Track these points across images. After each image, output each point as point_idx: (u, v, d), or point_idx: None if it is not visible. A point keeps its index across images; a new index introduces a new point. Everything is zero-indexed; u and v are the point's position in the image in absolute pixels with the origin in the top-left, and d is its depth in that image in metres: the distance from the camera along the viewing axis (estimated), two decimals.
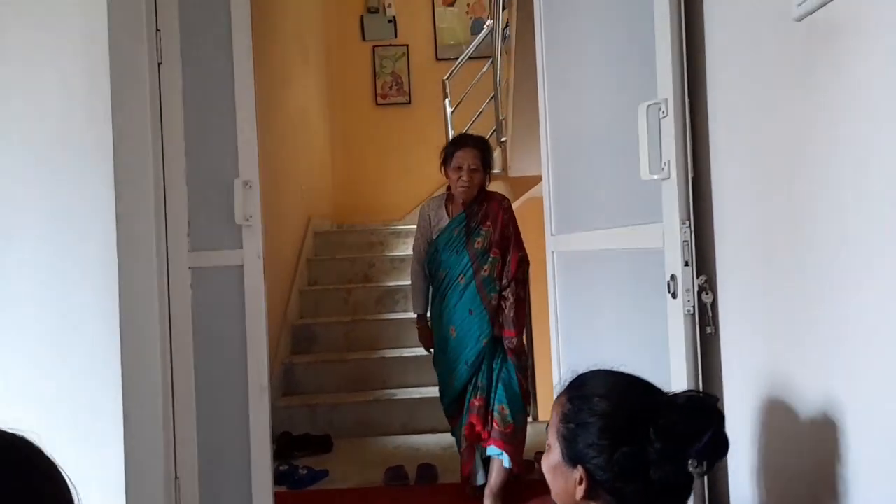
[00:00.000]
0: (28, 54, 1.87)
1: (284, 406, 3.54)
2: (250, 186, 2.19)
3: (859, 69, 0.84)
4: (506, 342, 2.53)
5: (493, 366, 2.52)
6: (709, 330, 1.31)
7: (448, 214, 2.61)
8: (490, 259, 2.51)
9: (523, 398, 2.54)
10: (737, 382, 1.27)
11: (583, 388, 0.98)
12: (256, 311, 2.20)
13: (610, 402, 0.94)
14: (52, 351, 1.85)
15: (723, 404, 1.32)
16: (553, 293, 2.13)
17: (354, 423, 3.52)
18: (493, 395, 2.50)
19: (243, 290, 2.20)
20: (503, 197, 2.66)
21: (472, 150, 2.53)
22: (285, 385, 3.74)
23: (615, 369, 1.01)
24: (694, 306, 1.30)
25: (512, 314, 2.52)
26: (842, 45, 0.87)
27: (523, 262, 2.58)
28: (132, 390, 1.91)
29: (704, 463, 0.90)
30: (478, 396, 2.49)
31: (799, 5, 0.92)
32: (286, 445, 3.23)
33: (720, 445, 0.91)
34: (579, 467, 0.93)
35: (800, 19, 0.93)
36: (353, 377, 3.75)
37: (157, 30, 2.14)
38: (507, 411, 2.47)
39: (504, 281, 2.53)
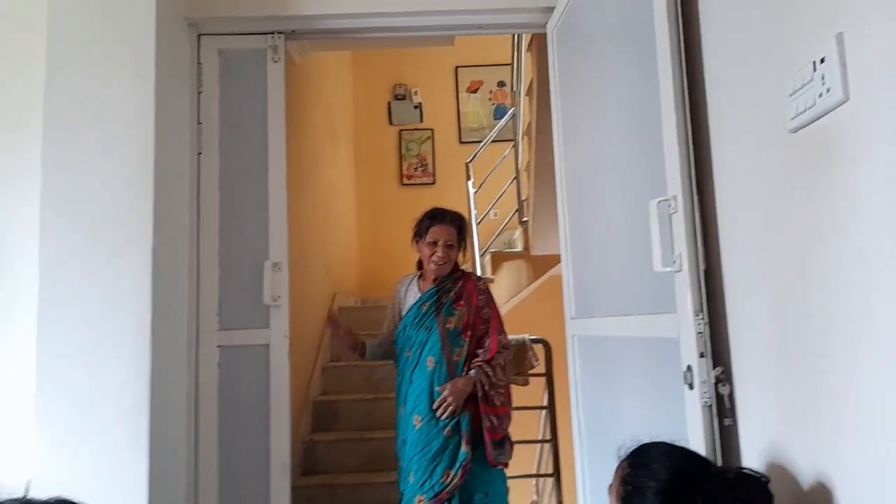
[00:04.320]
0: (81, 146, 2.01)
1: (304, 486, 3.49)
2: (279, 268, 2.28)
3: (850, 177, 0.90)
4: (484, 422, 2.22)
5: None
6: (727, 421, 1.31)
7: (420, 291, 2.41)
8: (462, 342, 2.29)
9: None
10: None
11: (643, 455, 1.09)
12: (281, 390, 2.24)
13: (666, 468, 1.04)
14: (83, 423, 1.90)
15: None
16: (573, 376, 2.14)
17: None
18: None
19: (269, 369, 2.25)
20: (480, 278, 2.51)
21: (448, 226, 2.35)
22: (305, 463, 3.71)
23: (675, 442, 1.11)
24: (711, 397, 1.31)
25: (493, 392, 2.22)
26: (833, 155, 0.93)
27: (503, 348, 2.32)
28: (159, 467, 1.93)
29: None
30: None
31: (793, 119, 0.99)
32: None
33: None
34: None
35: (795, 131, 1.00)
36: (374, 456, 3.70)
37: (199, 123, 2.30)
38: None
39: (479, 360, 2.27)
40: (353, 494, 3.49)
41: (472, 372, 2.26)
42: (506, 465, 2.31)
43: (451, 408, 2.20)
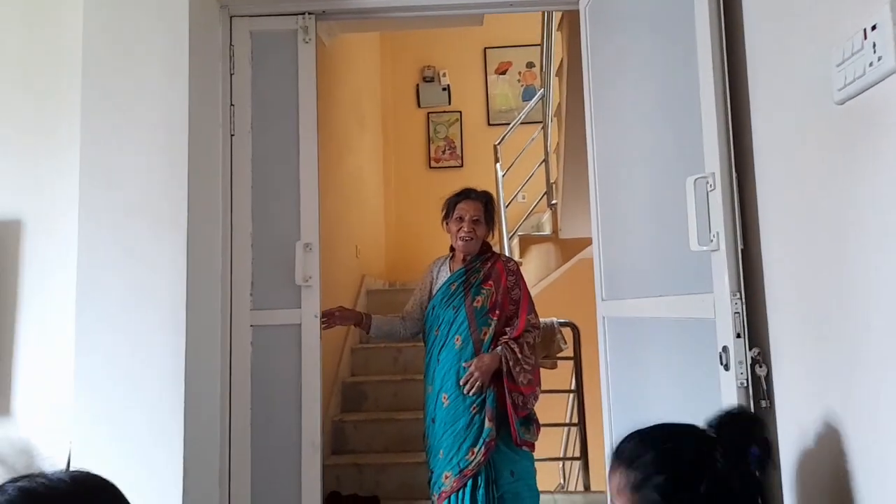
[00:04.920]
0: (117, 129, 2.04)
1: (333, 465, 3.55)
2: (310, 248, 2.29)
3: None
4: (509, 399, 2.21)
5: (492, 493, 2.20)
6: (763, 403, 1.29)
7: (450, 272, 2.44)
8: (489, 321, 2.30)
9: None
10: (794, 458, 1.24)
11: (636, 454, 1.01)
12: (312, 369, 2.26)
13: (665, 459, 0.98)
14: (120, 399, 1.95)
15: (780, 479, 1.29)
16: (604, 358, 2.13)
17: (401, 485, 3.49)
18: None
19: (300, 349, 2.28)
20: (510, 259, 2.50)
21: (474, 202, 2.39)
22: (334, 443, 3.77)
23: (655, 423, 1.06)
24: (747, 379, 1.29)
25: (518, 369, 2.21)
26: (881, 128, 0.89)
27: (533, 328, 2.33)
28: (193, 443, 1.97)
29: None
30: None
31: (840, 90, 0.95)
32: None
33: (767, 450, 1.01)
34: None
35: (841, 103, 0.97)
36: (401, 437, 3.74)
37: (232, 104, 2.32)
38: None
39: (506, 337, 2.27)
40: (380, 474, 3.53)
41: (499, 348, 2.26)
42: (531, 445, 2.31)
43: (477, 383, 2.21)
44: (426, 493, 3.29)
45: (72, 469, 0.87)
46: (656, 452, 0.99)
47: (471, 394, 2.22)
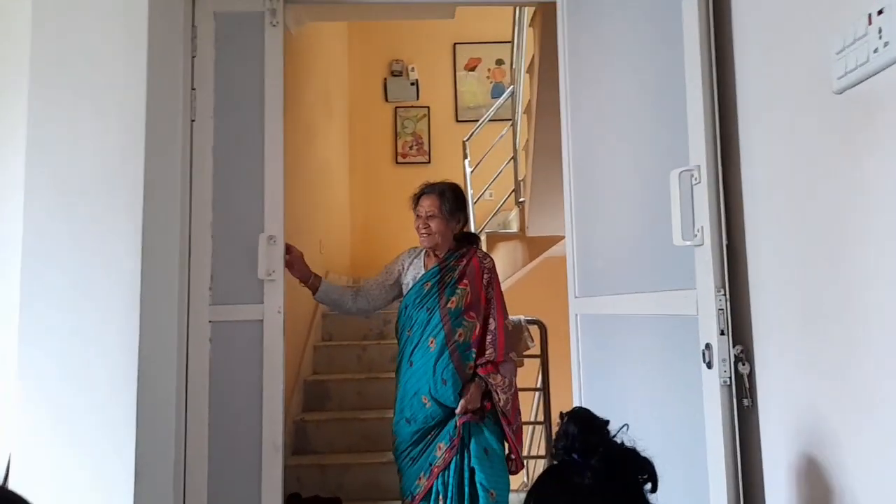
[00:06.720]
0: (68, 108, 1.91)
1: (294, 465, 3.44)
2: (274, 241, 2.20)
3: None
4: (508, 430, 2.22)
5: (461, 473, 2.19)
6: (746, 402, 1.27)
7: (425, 268, 2.37)
8: (465, 323, 2.24)
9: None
10: (776, 458, 1.22)
11: None
12: (274, 367, 2.17)
13: None
14: (68, 399, 1.83)
15: (762, 481, 1.26)
16: (576, 358, 2.09)
17: (365, 486, 3.41)
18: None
19: (262, 346, 2.18)
20: (486, 255, 2.42)
21: (429, 196, 2.32)
22: (296, 443, 3.66)
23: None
24: (730, 377, 1.26)
25: (509, 406, 2.20)
26: (883, 118, 0.87)
27: (510, 336, 2.30)
28: (146, 444, 1.86)
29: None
30: None
31: (839, 78, 0.92)
32: None
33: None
34: None
35: (840, 92, 0.94)
36: (365, 436, 3.66)
37: (193, 88, 2.21)
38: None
39: (490, 353, 2.23)
40: (343, 475, 3.44)
41: (477, 380, 2.23)
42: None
43: (469, 414, 2.20)
44: (392, 493, 3.19)
45: None
46: None
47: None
